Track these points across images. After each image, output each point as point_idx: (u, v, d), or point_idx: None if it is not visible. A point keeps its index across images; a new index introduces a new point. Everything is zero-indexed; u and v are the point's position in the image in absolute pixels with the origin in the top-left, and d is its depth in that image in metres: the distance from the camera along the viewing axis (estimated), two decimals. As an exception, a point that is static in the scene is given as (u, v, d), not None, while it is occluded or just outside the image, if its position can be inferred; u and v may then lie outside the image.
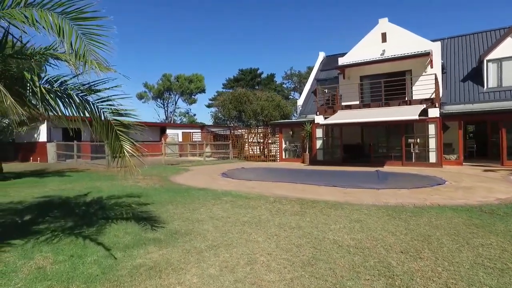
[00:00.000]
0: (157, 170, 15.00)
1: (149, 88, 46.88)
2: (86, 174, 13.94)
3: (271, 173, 15.55)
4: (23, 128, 11.32)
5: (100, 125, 4.03)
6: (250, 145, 23.25)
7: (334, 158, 18.36)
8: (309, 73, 48.44)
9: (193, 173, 14.62)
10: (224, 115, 22.30)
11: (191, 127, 31.06)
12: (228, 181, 11.90)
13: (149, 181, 11.72)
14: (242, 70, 54.58)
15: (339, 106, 18.28)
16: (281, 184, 10.86)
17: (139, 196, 8.40)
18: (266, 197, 8.20)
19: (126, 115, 4.21)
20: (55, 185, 10.56)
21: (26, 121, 12.51)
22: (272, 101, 24.60)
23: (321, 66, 26.92)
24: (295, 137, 22.54)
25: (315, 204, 7.05)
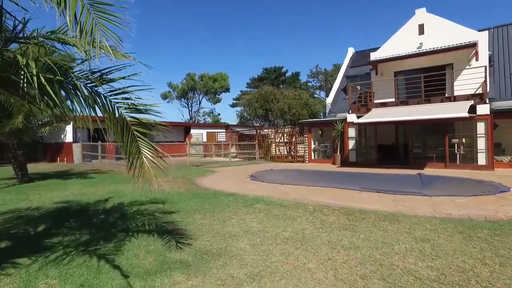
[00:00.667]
0: (182, 172, 14.35)
1: (173, 87, 46.75)
2: (109, 175, 13.45)
3: (302, 175, 14.58)
4: (45, 129, 10.90)
5: (114, 124, 3.24)
6: (277, 145, 22.33)
7: (368, 160, 17.15)
8: (336, 71, 47.08)
9: (219, 175, 13.86)
10: (250, 114, 21.49)
11: (215, 127, 30.48)
12: (258, 184, 11.04)
13: (174, 184, 11.04)
14: (267, 68, 53.75)
15: (373, 103, 17.05)
16: (317, 188, 9.89)
17: (163, 203, 7.67)
18: (304, 205, 7.27)
19: (146, 111, 3.41)
20: (77, 188, 10.04)
21: (50, 121, 12.14)
22: (299, 99, 23.58)
23: (351, 62, 25.62)
24: (324, 137, 21.45)
25: (364, 215, 6.06)
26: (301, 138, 21.44)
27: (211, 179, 12.67)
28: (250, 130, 26.08)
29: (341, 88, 23.97)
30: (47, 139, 25.01)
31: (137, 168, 3.64)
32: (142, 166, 3.46)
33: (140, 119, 3.43)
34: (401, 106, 15.95)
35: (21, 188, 10.43)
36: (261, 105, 21.74)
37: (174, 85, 46.22)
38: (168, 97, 46.93)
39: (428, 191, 9.25)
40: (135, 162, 3.60)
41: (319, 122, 21.01)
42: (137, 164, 3.57)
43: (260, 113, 21.49)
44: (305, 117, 22.82)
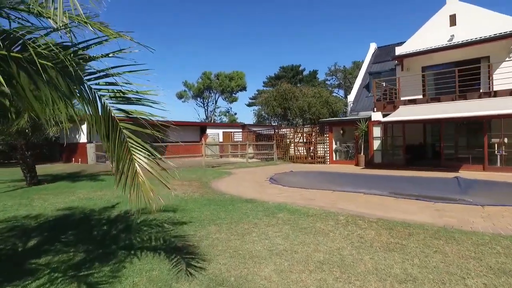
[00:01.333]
0: (197, 174, 13.59)
1: (189, 86, 46.14)
2: (121, 178, 12.80)
3: (325, 178, 13.59)
4: (53, 129, 10.30)
5: (96, 120, 2.41)
6: (296, 145, 21.35)
7: (395, 161, 15.98)
8: (355, 68, 45.65)
9: (236, 178, 13.02)
10: (268, 113, 20.60)
11: (232, 126, 29.71)
12: (279, 188, 10.14)
13: (188, 187, 10.26)
14: (283, 67, 52.68)
15: (400, 101, 15.86)
16: (344, 194, 8.91)
17: (175, 211, 6.86)
18: (334, 215, 6.33)
19: (139, 101, 2.56)
20: (84, 192, 9.37)
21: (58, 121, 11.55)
22: (319, 97, 22.52)
23: (373, 58, 24.41)
24: (346, 136, 20.37)
25: (409, 230, 5.08)
26: (321, 138, 20.42)
27: (227, 182, 11.84)
28: (268, 129, 25.18)
29: (363, 86, 22.84)
30: (63, 140, 24.79)
31: (128, 179, 2.78)
32: (135, 176, 2.61)
33: (130, 112, 2.58)
34: (432, 103, 14.72)
35: (27, 191, 9.86)
36: (279, 103, 20.81)
37: (189, 84, 45.75)
38: (183, 96, 46.46)
39: (475, 199, 8.15)
40: (126, 170, 2.75)
41: (341, 121, 19.92)
42: (128, 173, 2.72)
43: (278, 112, 20.55)
44: (326, 116, 21.77)
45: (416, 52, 16.90)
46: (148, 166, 2.72)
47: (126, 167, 2.68)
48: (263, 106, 21.37)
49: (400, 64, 18.25)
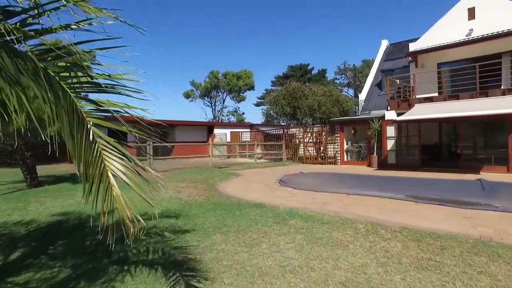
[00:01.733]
0: (203, 175, 13.07)
1: (196, 86, 45.47)
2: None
3: (337, 180, 12.96)
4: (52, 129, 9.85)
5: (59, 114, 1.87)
6: (305, 145, 20.73)
7: (410, 162, 15.26)
8: (365, 67, 44.81)
9: (244, 179, 12.47)
10: (277, 112, 20.01)
11: (239, 126, 29.19)
12: (289, 191, 9.56)
13: (193, 190, 9.74)
14: (292, 66, 52.05)
15: (415, 99, 15.14)
16: (359, 197, 8.30)
17: (177, 216, 6.33)
18: (351, 222, 5.74)
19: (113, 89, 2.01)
20: (85, 195, 8.90)
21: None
22: (330, 96, 21.86)
23: (385, 55, 23.65)
24: (357, 136, 19.70)
25: (440, 242, 4.46)
26: (332, 137, 19.77)
27: (235, 184, 11.30)
28: (277, 129, 24.60)
29: (375, 84, 22.12)
30: (69, 140, 24.54)
31: (100, 190, 2.24)
32: (109, 188, 2.07)
33: (101, 103, 2.03)
34: (449, 101, 13.97)
35: (26, 194, 9.43)
36: (288, 102, 20.21)
37: (197, 84, 45.17)
38: (191, 96, 45.93)
39: (503, 204, 7.48)
40: (96, 179, 2.21)
41: (353, 120, 19.23)
42: (99, 184, 2.18)
43: (287, 111, 19.95)
44: (336, 115, 21.11)
45: (431, 48, 16.16)
46: (125, 175, 2.14)
47: (96, 176, 2.12)
48: (272, 105, 20.79)
49: (414, 61, 17.55)
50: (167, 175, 13.09)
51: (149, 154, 14.27)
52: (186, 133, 26.16)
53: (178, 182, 11.42)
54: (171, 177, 12.56)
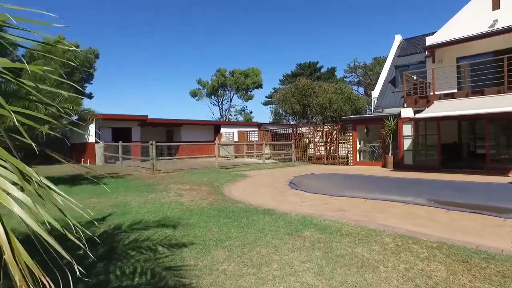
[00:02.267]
0: (209, 177, 12.33)
1: (203, 84, 44.61)
2: (124, 181, 11.66)
3: (352, 181, 12.13)
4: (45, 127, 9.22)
5: None
6: (316, 145, 19.87)
7: (429, 162, 14.32)
8: (376, 65, 43.65)
9: (252, 181, 11.70)
10: (286, 110, 19.19)
11: (247, 125, 28.40)
12: (301, 195, 8.75)
13: (196, 193, 8.99)
14: (301, 64, 51.07)
15: (434, 95, 14.17)
16: (380, 203, 7.45)
17: (175, 226, 5.56)
18: (376, 233, 4.93)
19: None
20: (78, 200, 8.20)
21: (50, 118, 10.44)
22: (341, 93, 20.96)
23: (399, 51, 22.64)
24: (370, 135, 18.82)
25: (495, 264, 3.62)
26: (343, 137, 18.89)
27: (242, 186, 10.53)
28: (286, 128, 23.78)
29: (388, 81, 21.15)
30: (74, 139, 24.03)
31: None
32: None
33: None
34: (473, 97, 13.00)
35: (17, 197, 8.81)
36: (298, 100, 19.37)
37: (203, 82, 44.42)
38: (197, 94, 45.07)
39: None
40: None
41: (366, 118, 18.34)
42: None
43: (297, 109, 19.12)
44: (348, 113, 20.21)
45: (450, 41, 15.20)
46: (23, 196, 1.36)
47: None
48: (281, 103, 19.96)
49: (431, 56, 16.59)
50: (170, 177, 12.38)
51: (151, 155, 13.57)
52: (193, 132, 25.51)
53: (182, 184, 10.69)
54: (174, 179, 11.84)
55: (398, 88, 19.67)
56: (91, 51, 22.24)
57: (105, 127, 20.51)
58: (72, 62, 2.09)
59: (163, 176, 12.70)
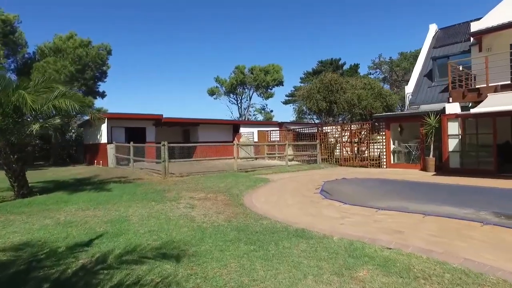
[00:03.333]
0: (226, 181, 10.88)
1: (221, 82, 42.77)
2: (132, 187, 10.31)
3: (392, 188, 10.42)
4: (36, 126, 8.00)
5: None
6: (343, 145, 18.12)
7: (481, 165, 12.39)
8: (403, 60, 41.27)
9: (276, 188, 10.16)
10: (311, 108, 17.51)
11: (268, 125, 26.81)
12: (338, 207, 7.15)
13: (211, 204, 7.53)
14: (322, 61, 49.11)
15: (488, 87, 12.20)
16: (446, 221, 5.75)
17: (179, 258, 4.07)
18: (472, 278, 3.30)
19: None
20: (72, 211, 6.89)
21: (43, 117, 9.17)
22: (370, 89, 19.13)
23: (435, 41, 20.55)
24: (404, 134, 16.97)
25: None
26: (374, 136, 17.08)
27: (264, 194, 9.01)
28: (309, 127, 22.12)
29: (424, 74, 19.13)
30: (87, 140, 23.14)
31: None
32: None
33: None
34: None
35: (4, 207, 7.55)
36: (323, 96, 17.67)
37: (221, 80, 42.70)
38: (215, 93, 43.31)
39: None
40: None
41: (402, 116, 16.44)
42: None
43: (322, 107, 17.43)
44: (379, 111, 18.36)
45: (503, 25, 13.19)
46: None
47: None
48: (304, 101, 18.30)
49: (477, 44, 14.59)
50: (184, 182, 10.98)
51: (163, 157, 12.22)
52: (210, 132, 24.16)
53: (195, 191, 9.27)
54: (187, 185, 10.44)
55: (436, 82, 17.70)
56: (103, 47, 21.24)
57: (118, 127, 19.39)
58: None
59: (176, 181, 11.32)
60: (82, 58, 19.13)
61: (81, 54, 18.98)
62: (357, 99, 17.80)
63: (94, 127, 20.56)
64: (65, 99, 8.24)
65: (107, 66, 22.91)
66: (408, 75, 40.72)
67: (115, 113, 18.91)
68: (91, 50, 19.65)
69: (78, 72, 19.63)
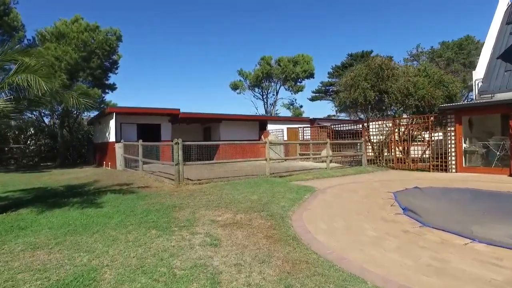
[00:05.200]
0: (259, 191, 8.00)
1: (245, 75, 39.10)
2: (131, 200, 7.52)
3: (491, 203, 7.19)
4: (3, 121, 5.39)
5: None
6: (396, 144, 14.85)
7: None
8: (445, 49, 37.19)
9: (331, 203, 7.15)
10: (357, 98, 14.32)
11: (298, 121, 23.72)
12: (443, 241, 4.10)
13: (245, 236, 4.65)
14: (352, 54, 45.55)
15: None
16: None
17: None
18: None
19: None
20: (14, 252, 4.14)
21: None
22: (427, 76, 15.74)
23: (507, 16, 16.95)
24: (475, 130, 13.66)
25: None
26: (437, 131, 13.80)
27: (321, 215, 6.03)
28: (348, 124, 18.97)
29: (497, 56, 15.57)
30: (96, 138, 20.81)
31: None
32: None
33: None
34: None
35: None
36: (372, 85, 14.47)
37: (245, 73, 39.13)
38: (239, 87, 39.72)
39: None
40: None
41: (479, 106, 12.97)
42: None
43: (371, 97, 14.24)
44: (440, 101, 14.98)
45: None
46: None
47: None
48: (348, 90, 15.14)
49: None
50: (203, 192, 8.14)
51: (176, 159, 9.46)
52: (234, 129, 21.30)
53: (219, 208, 6.41)
54: (208, 196, 7.61)
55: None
56: (112, 31, 18.69)
57: (128, 124, 16.83)
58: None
59: (193, 191, 8.51)
60: (88, 43, 16.63)
61: (86, 39, 16.48)
62: (413, 87, 14.51)
63: (102, 124, 18.14)
64: (28, 74, 5.53)
65: (118, 55, 20.44)
66: (451, 66, 36.68)
67: (124, 107, 16.35)
68: (98, 35, 17.17)
69: (83, 60, 17.16)
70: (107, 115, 16.62)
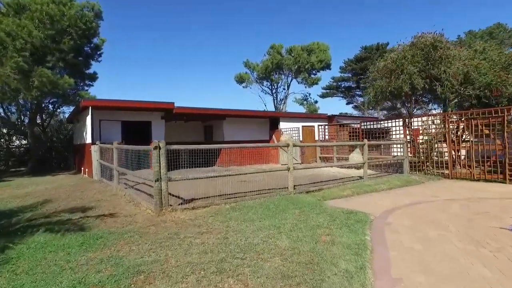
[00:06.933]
0: (288, 226, 4.79)
1: (252, 67, 34.72)
2: (73, 249, 4.30)
3: None
4: None
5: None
6: (452, 147, 11.48)
7: None
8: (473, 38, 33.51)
9: (421, 253, 3.82)
10: (402, 86, 10.88)
11: (315, 118, 20.30)
12: None
13: None
14: (366, 47, 42.06)
15: None
16: None
17: None
18: None
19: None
20: None
21: None
22: (485, 59, 12.38)
23: None
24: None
25: None
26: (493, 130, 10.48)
27: None
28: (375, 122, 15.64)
29: None
30: (75, 139, 17.58)
31: None
32: None
33: None
34: None
35: None
36: (420, 69, 11.08)
37: (252, 64, 34.71)
38: (245, 80, 35.34)
39: None
40: None
41: None
42: None
43: (419, 85, 10.84)
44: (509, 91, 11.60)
45: None
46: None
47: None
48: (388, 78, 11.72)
49: None
50: (196, 227, 4.83)
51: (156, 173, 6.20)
52: (240, 128, 17.96)
53: (221, 282, 3.11)
54: (203, 238, 4.35)
55: None
56: (89, 5, 15.24)
57: (110, 121, 13.55)
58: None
59: (181, 223, 5.25)
60: (56, 18, 13.18)
61: (54, 12, 12.98)
62: (473, 72, 11.19)
63: (80, 122, 14.93)
64: None
65: (100, 40, 16.99)
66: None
67: (104, 99, 12.94)
68: (70, 9, 13.73)
69: (52, 40, 13.73)
70: (83, 111, 13.38)
